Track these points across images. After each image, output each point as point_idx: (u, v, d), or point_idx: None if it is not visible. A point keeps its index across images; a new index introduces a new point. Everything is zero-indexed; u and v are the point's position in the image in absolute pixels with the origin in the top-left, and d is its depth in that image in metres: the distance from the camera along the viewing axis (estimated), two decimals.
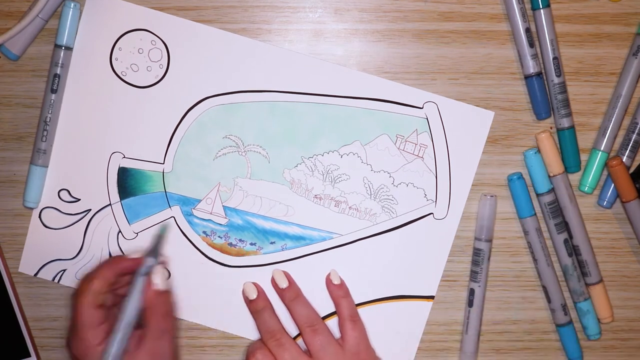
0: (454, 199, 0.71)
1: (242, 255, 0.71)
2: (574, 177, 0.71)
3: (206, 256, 0.71)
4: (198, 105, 0.70)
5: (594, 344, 0.73)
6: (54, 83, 0.68)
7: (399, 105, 0.70)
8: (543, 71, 0.69)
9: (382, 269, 0.71)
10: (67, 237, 0.71)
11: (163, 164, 0.70)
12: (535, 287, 0.72)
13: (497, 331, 0.73)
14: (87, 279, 0.62)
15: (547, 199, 0.69)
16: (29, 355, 0.71)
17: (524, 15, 0.68)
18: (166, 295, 0.62)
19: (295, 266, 0.71)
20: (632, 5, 0.71)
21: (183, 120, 0.70)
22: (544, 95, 0.69)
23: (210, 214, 0.71)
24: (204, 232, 0.71)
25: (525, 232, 0.71)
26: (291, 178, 0.71)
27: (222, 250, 0.71)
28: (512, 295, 0.73)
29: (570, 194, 0.70)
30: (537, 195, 0.70)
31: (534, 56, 0.69)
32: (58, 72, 0.68)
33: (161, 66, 0.70)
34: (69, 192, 0.71)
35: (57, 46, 0.68)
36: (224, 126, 0.70)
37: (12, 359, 0.70)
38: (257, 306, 0.70)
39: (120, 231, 0.71)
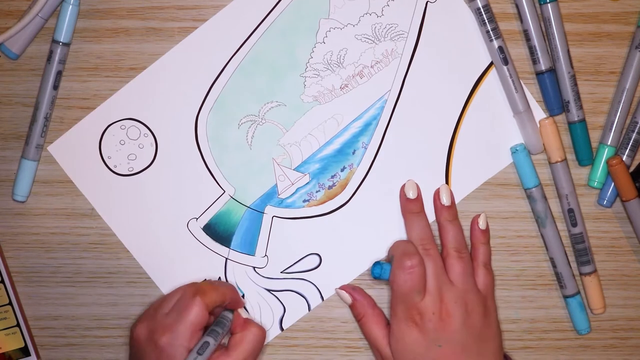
0: None
1: (346, 184, 0.71)
2: (583, 171, 0.71)
3: (329, 212, 0.71)
4: (199, 129, 0.70)
5: (594, 343, 0.72)
6: (57, 80, 0.69)
7: None
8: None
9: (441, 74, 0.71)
10: None
11: (224, 191, 0.70)
12: (535, 286, 0.72)
13: None
14: (212, 285, 0.64)
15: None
16: (29, 355, 0.70)
17: (537, 11, 0.68)
18: (258, 329, 0.64)
19: (389, 145, 0.70)
20: (632, 4, 0.70)
21: (202, 151, 0.70)
22: (557, 90, 0.69)
23: (293, 184, 0.71)
24: (305, 201, 0.71)
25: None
26: (312, 96, 0.70)
27: (331, 196, 0.71)
28: (512, 295, 0.72)
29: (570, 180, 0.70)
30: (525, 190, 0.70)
31: (547, 51, 0.69)
32: (61, 69, 0.69)
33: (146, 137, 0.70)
34: None
35: (55, 42, 0.68)
36: (230, 121, 0.70)
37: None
38: (414, 208, 0.69)
39: (254, 268, 0.71)
